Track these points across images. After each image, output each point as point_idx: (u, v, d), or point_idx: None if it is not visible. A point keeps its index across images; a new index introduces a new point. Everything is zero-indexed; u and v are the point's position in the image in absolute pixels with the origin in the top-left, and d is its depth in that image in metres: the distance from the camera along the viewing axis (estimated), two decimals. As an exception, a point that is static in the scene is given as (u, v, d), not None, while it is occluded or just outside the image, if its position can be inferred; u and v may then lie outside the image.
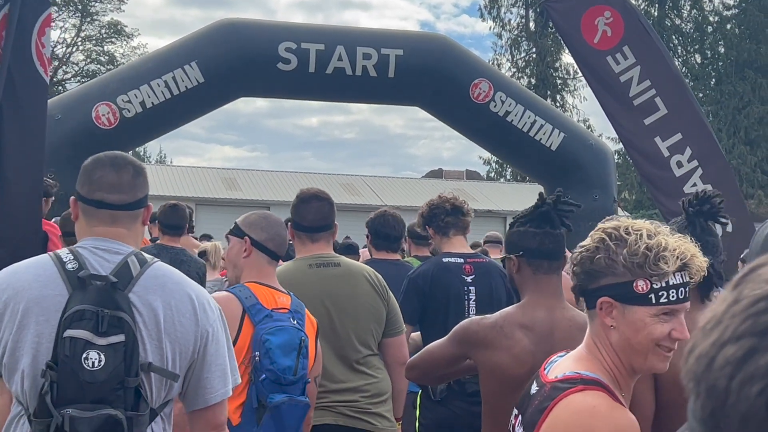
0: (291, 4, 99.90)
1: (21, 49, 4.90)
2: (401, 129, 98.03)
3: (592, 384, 2.06)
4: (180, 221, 6.31)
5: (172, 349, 2.57)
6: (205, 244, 8.08)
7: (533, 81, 44.21)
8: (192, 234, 8.73)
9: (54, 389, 2.41)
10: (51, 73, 43.54)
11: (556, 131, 11.89)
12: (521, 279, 3.14)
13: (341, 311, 4.20)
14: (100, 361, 2.42)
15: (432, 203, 5.05)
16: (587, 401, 2.03)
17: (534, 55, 45.25)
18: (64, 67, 44.75)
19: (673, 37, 42.57)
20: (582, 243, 2.20)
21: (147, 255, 2.70)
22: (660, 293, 2.08)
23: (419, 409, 4.87)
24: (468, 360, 3.17)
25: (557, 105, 42.47)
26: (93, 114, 10.54)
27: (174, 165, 46.26)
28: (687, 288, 2.13)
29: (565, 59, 43.70)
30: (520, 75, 44.73)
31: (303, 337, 3.50)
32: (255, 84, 11.53)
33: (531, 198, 3.65)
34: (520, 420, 2.21)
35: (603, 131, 53.04)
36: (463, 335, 3.12)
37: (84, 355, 2.41)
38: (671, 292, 2.09)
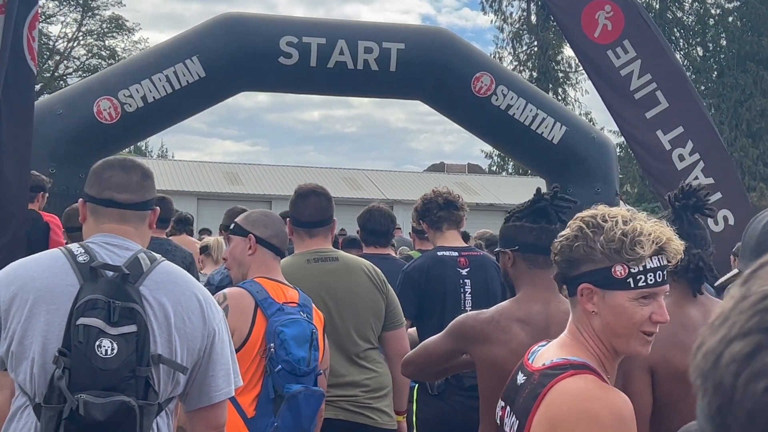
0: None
1: (16, 41, 4.96)
2: (403, 123, 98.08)
3: (581, 368, 2.10)
4: (167, 214, 6.50)
5: (181, 345, 2.60)
6: (207, 239, 8.09)
7: (535, 74, 44.17)
8: (189, 233, 8.69)
9: (67, 375, 2.42)
10: (52, 68, 43.69)
11: (558, 125, 11.88)
12: (516, 273, 3.14)
13: (339, 305, 4.21)
14: (113, 350, 2.44)
15: (425, 198, 5.07)
16: (581, 385, 2.06)
17: (536, 49, 45.21)
18: (65, 62, 44.76)
19: (675, 30, 42.51)
20: (561, 233, 2.26)
21: (156, 254, 2.73)
22: (638, 277, 2.14)
23: (416, 404, 4.87)
24: (465, 355, 3.17)
25: (559, 98, 42.44)
26: (94, 109, 10.53)
27: (176, 159, 46.30)
28: (665, 271, 2.18)
29: (567, 52, 43.67)
30: (521, 68, 44.69)
31: (313, 330, 3.55)
32: (256, 78, 11.52)
33: (533, 191, 3.65)
34: (508, 410, 2.23)
35: (605, 124, 53.05)
36: (460, 330, 3.12)
37: (97, 343, 2.43)
38: (649, 275, 2.14)
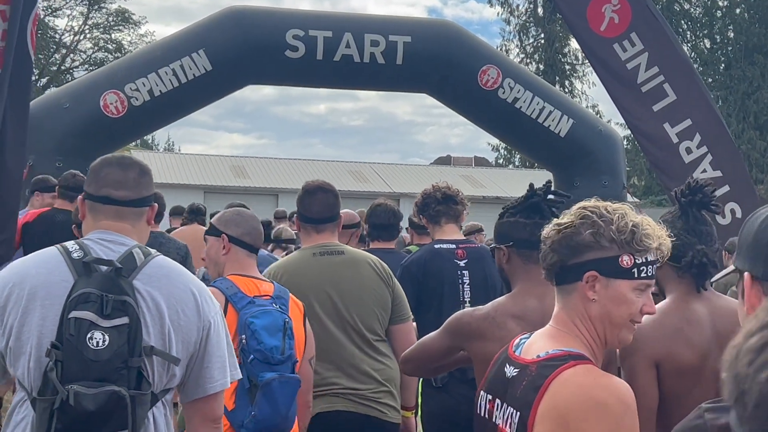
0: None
1: (22, 31, 5.00)
2: (409, 116, 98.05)
3: (580, 359, 2.13)
4: (160, 209, 6.57)
5: (176, 338, 2.65)
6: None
7: (542, 67, 44.10)
8: (201, 224, 8.81)
9: (59, 367, 2.48)
10: (58, 61, 43.77)
11: (564, 117, 11.87)
12: (511, 269, 3.15)
13: (345, 297, 4.24)
14: (104, 341, 2.50)
15: (425, 192, 5.13)
16: (586, 375, 2.09)
17: (542, 41, 45.13)
18: (71, 56, 44.81)
19: (682, 22, 42.40)
20: (559, 221, 2.28)
21: (151, 249, 2.78)
22: (641, 268, 2.21)
23: (420, 397, 4.89)
24: (462, 351, 3.18)
25: (566, 91, 42.38)
26: (101, 102, 10.56)
27: (182, 153, 46.33)
28: (656, 267, 2.27)
29: (574, 45, 43.54)
30: (528, 61, 44.62)
31: (286, 320, 3.59)
32: (263, 71, 11.53)
33: (540, 184, 3.65)
34: (499, 403, 2.25)
35: (612, 117, 52.85)
36: (456, 327, 3.13)
37: (89, 335, 2.49)
38: (649, 268, 2.23)
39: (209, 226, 3.89)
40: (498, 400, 2.26)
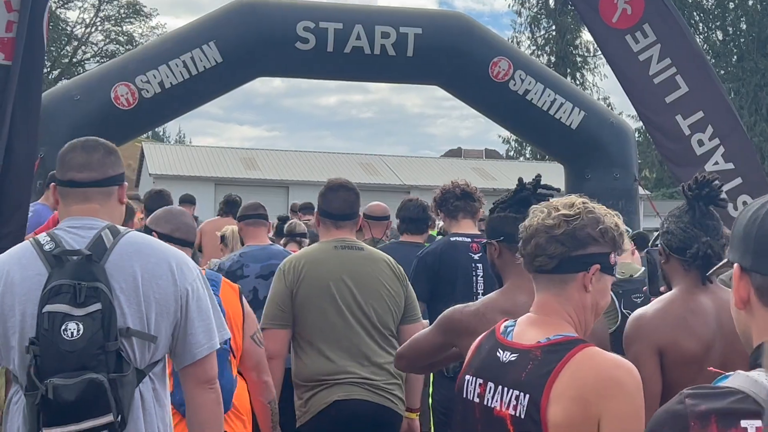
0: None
1: (38, 21, 5.00)
2: (419, 108, 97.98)
3: (584, 343, 2.25)
4: (166, 205, 6.74)
5: (154, 311, 2.70)
6: (226, 227, 8.17)
7: (553, 59, 43.95)
8: (235, 216, 8.91)
9: (36, 362, 2.54)
10: (70, 53, 43.86)
11: (576, 110, 11.83)
12: (502, 264, 3.16)
13: (364, 290, 4.36)
14: (78, 331, 2.55)
15: (444, 188, 5.33)
16: (599, 356, 2.21)
17: (554, 33, 44.96)
18: (83, 48, 44.92)
19: (695, 14, 42.16)
20: (564, 213, 2.34)
21: (121, 227, 2.82)
22: (615, 267, 2.40)
23: (432, 386, 4.96)
24: (454, 348, 3.19)
25: (577, 83, 42.24)
26: (112, 94, 10.57)
27: (193, 145, 46.41)
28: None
29: (585, 36, 43.38)
30: (539, 53, 44.47)
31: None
32: (273, 63, 11.52)
33: (551, 177, 3.65)
34: (491, 386, 2.31)
35: (623, 109, 52.63)
36: (447, 324, 3.15)
37: (63, 327, 2.54)
38: (616, 267, 2.42)
39: (143, 227, 4.08)
40: (491, 383, 2.33)
